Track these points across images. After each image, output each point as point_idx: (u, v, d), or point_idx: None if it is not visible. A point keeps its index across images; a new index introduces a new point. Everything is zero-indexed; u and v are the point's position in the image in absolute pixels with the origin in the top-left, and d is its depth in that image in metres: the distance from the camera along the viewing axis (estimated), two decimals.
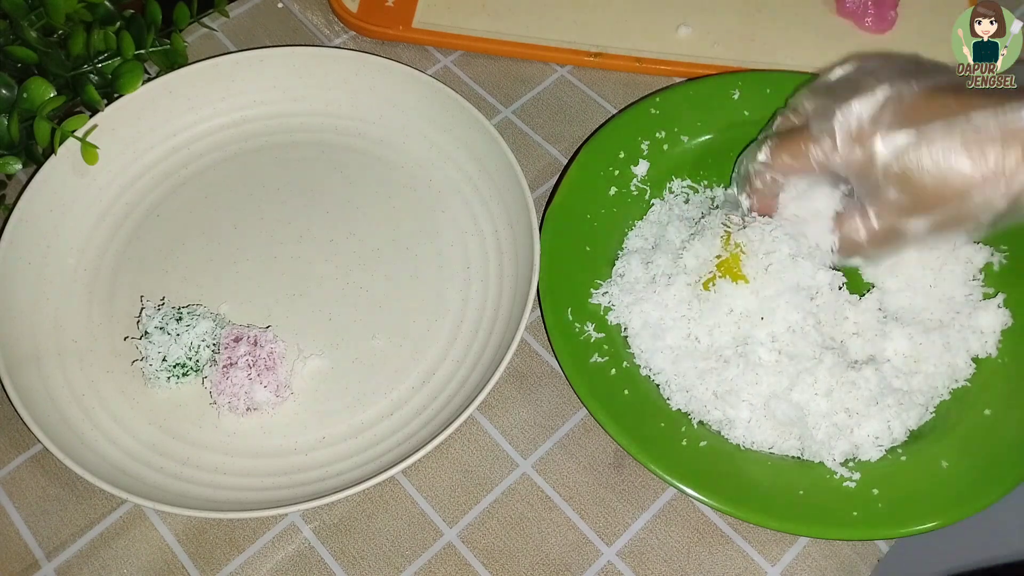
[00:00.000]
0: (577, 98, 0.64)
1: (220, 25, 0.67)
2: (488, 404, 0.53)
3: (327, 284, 0.56)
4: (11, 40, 0.57)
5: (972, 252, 0.53)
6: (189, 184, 0.60)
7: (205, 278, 0.56)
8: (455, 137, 0.59)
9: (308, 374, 0.53)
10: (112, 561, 0.48)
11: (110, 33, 0.58)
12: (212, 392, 0.51)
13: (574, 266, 0.54)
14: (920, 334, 0.50)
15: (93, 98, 0.57)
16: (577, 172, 0.56)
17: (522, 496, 0.50)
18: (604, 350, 0.51)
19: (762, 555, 0.48)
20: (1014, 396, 0.50)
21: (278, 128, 0.62)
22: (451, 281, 0.56)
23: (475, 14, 0.66)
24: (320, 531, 0.49)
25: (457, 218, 0.58)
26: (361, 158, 0.61)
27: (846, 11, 0.66)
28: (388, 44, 0.67)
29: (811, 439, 0.48)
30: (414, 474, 0.51)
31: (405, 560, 0.48)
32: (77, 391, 0.52)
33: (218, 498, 0.48)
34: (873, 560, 0.48)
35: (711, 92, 0.59)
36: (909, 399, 0.49)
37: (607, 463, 0.51)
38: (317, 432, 0.51)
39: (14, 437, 0.52)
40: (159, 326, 0.51)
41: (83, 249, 0.57)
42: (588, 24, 0.66)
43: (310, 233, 0.58)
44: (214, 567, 0.48)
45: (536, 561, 0.48)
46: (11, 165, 0.56)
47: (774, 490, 0.47)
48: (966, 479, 0.47)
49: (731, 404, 0.49)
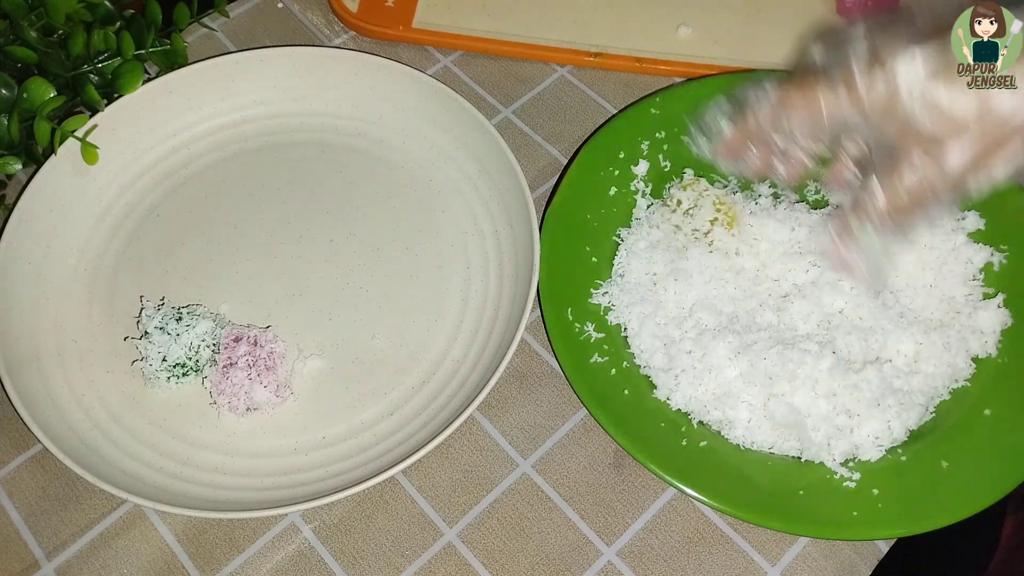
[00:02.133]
0: (577, 98, 0.64)
1: (220, 25, 0.67)
2: (488, 404, 0.53)
3: (327, 284, 0.56)
4: (11, 40, 0.57)
5: (972, 252, 0.53)
6: (189, 184, 0.60)
7: (205, 278, 0.56)
8: (455, 137, 0.59)
9: (308, 374, 0.53)
10: (112, 561, 0.48)
11: (110, 33, 0.58)
12: (212, 392, 0.51)
13: (574, 266, 0.54)
14: (920, 334, 0.50)
15: (93, 98, 0.57)
16: (577, 172, 0.56)
17: (522, 496, 0.50)
18: (604, 350, 0.51)
19: (762, 555, 0.48)
20: (1014, 396, 0.50)
21: (278, 128, 0.62)
22: (451, 281, 0.56)
23: (475, 14, 0.66)
24: (320, 531, 0.49)
25: (457, 218, 0.58)
26: (361, 158, 0.61)
27: (846, 11, 0.66)
28: (388, 44, 0.67)
29: (810, 440, 0.48)
30: (414, 474, 0.51)
31: (405, 560, 0.48)
32: (77, 391, 0.52)
33: (218, 498, 0.48)
34: (873, 560, 0.48)
35: (711, 92, 0.59)
36: (909, 399, 0.49)
37: (607, 463, 0.51)
38: (317, 432, 0.51)
39: (14, 437, 0.52)
40: (159, 326, 0.52)
41: (83, 249, 0.57)
42: (588, 24, 0.66)
43: (310, 233, 0.58)
44: (214, 567, 0.48)
45: (536, 561, 0.48)
46: (11, 165, 0.56)
47: (774, 490, 0.47)
48: (966, 479, 0.47)
49: (731, 405, 0.49)
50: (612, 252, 0.55)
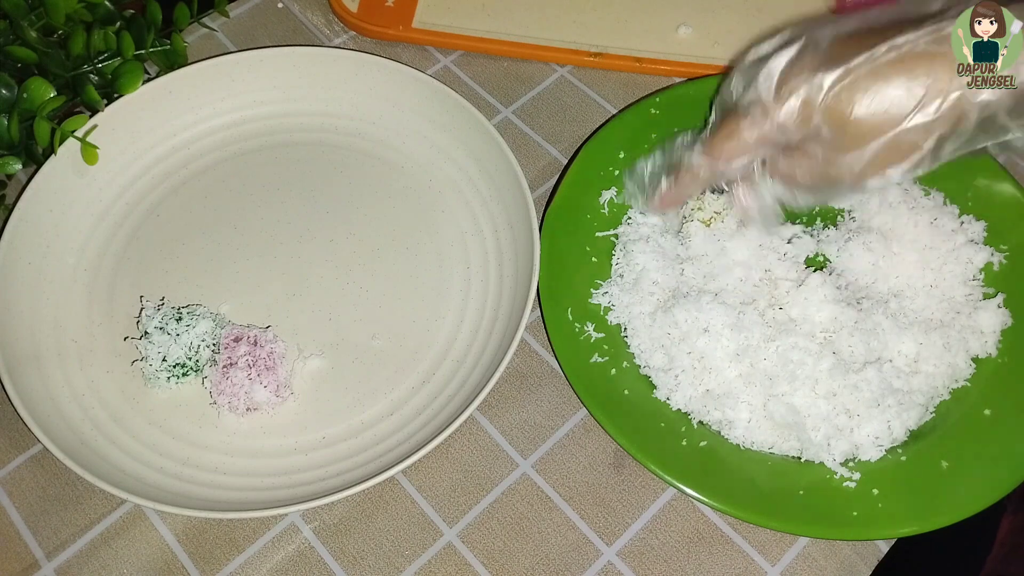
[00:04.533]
0: (577, 98, 0.64)
1: (220, 25, 0.67)
2: (488, 404, 0.53)
3: (327, 284, 0.56)
4: (11, 40, 0.57)
5: (972, 252, 0.53)
6: (189, 184, 0.60)
7: (205, 278, 0.56)
8: (455, 137, 0.59)
9: (308, 374, 0.53)
10: (112, 561, 0.48)
11: (110, 33, 0.58)
12: (212, 392, 0.51)
13: (574, 266, 0.54)
14: (920, 334, 0.50)
15: (93, 98, 0.57)
16: (577, 172, 0.56)
17: (522, 496, 0.50)
18: (604, 350, 0.51)
19: (762, 555, 0.48)
20: (1014, 396, 0.50)
21: (278, 128, 0.62)
22: (451, 281, 0.56)
23: (475, 14, 0.66)
24: (320, 531, 0.49)
25: (457, 218, 0.58)
26: (361, 158, 0.61)
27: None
28: (388, 44, 0.67)
29: (810, 440, 0.48)
30: (414, 474, 0.51)
31: (405, 560, 0.48)
32: (77, 391, 0.52)
33: (218, 498, 0.48)
34: (873, 560, 0.48)
35: (711, 92, 0.59)
36: (909, 399, 0.49)
37: (607, 463, 0.51)
38: (317, 432, 0.51)
39: (14, 437, 0.52)
40: (159, 326, 0.52)
41: (83, 249, 0.57)
42: (588, 24, 0.66)
43: (310, 233, 0.58)
44: (214, 567, 0.48)
45: (536, 561, 0.48)
46: (11, 165, 0.56)
47: (774, 490, 0.47)
48: (966, 479, 0.47)
49: (731, 405, 0.49)
50: (612, 252, 0.55)
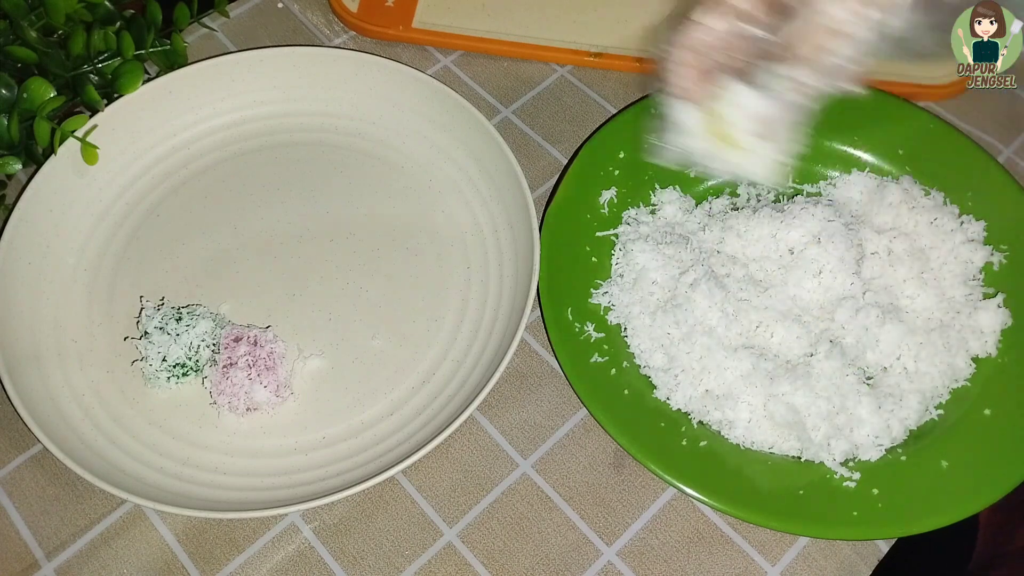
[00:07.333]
0: (577, 98, 0.64)
1: (220, 25, 0.67)
2: (488, 404, 0.53)
3: (327, 284, 0.56)
4: (11, 40, 0.57)
5: (972, 252, 0.53)
6: (189, 184, 0.60)
7: (205, 278, 0.56)
8: (455, 137, 0.59)
9: (308, 374, 0.53)
10: (112, 561, 0.48)
11: (110, 33, 0.58)
12: (212, 392, 0.51)
13: (574, 266, 0.54)
14: (920, 334, 0.50)
15: (93, 98, 0.57)
16: (577, 172, 0.56)
17: (522, 496, 0.50)
18: (604, 350, 0.51)
19: (762, 555, 0.48)
20: (1014, 396, 0.50)
21: (278, 128, 0.62)
22: (451, 281, 0.56)
23: (475, 14, 0.66)
24: (320, 531, 0.49)
25: (457, 218, 0.58)
26: (361, 158, 0.61)
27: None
28: (388, 44, 0.67)
29: (810, 440, 0.48)
30: (414, 474, 0.51)
31: (405, 560, 0.48)
32: (77, 391, 0.52)
33: (218, 498, 0.48)
34: (873, 560, 0.48)
35: None
36: (909, 399, 0.49)
37: (607, 463, 0.51)
38: (317, 432, 0.51)
39: (14, 437, 0.52)
40: (159, 326, 0.52)
41: (83, 249, 0.57)
42: (588, 24, 0.66)
43: (310, 233, 0.58)
44: (214, 567, 0.48)
45: (536, 561, 0.48)
46: (11, 165, 0.56)
47: (774, 490, 0.47)
48: (966, 479, 0.47)
49: (731, 405, 0.49)
50: (612, 251, 0.55)
